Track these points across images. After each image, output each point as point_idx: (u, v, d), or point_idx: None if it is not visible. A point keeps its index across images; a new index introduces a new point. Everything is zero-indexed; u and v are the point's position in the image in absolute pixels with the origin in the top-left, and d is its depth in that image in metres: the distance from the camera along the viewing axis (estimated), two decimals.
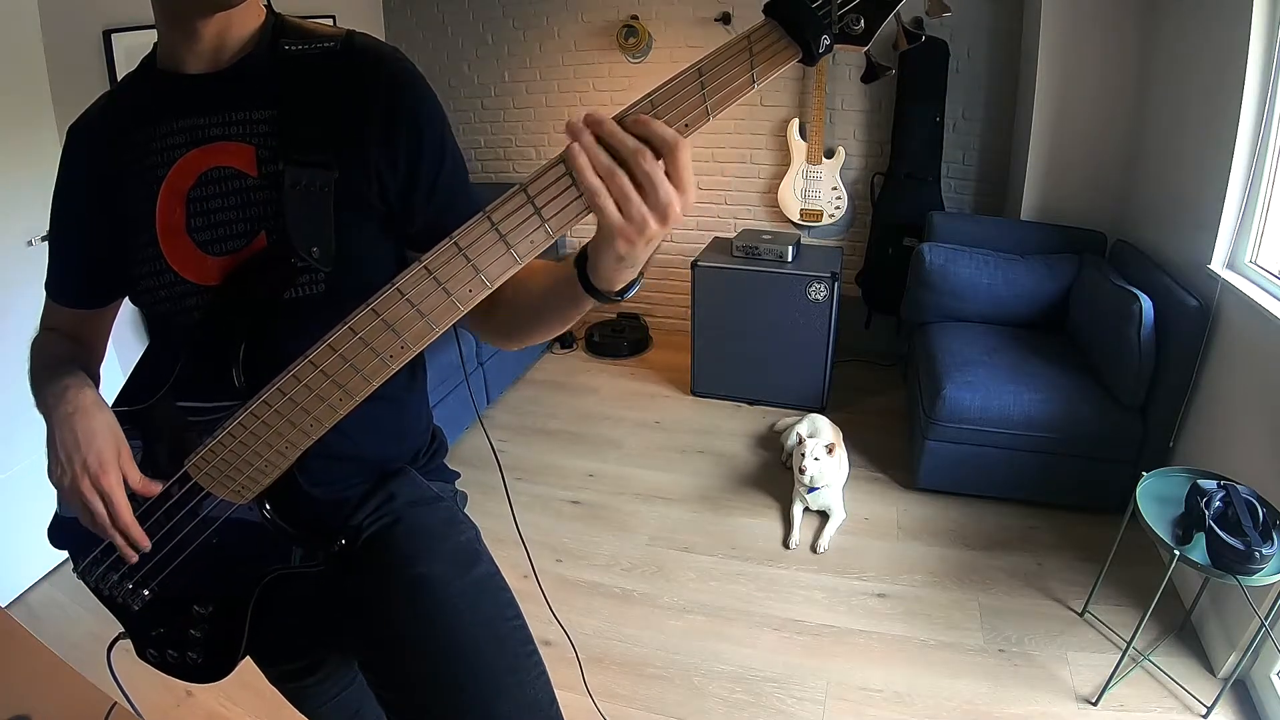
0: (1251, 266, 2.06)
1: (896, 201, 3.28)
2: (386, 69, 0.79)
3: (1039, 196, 3.00)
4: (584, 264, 0.67)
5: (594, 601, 2.17)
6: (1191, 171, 2.33)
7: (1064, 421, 2.35)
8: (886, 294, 3.36)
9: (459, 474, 1.06)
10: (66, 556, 0.92)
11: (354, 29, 0.83)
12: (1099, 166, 2.89)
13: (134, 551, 0.81)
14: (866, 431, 2.94)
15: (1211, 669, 1.86)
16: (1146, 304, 2.22)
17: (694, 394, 3.33)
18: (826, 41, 0.56)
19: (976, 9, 3.04)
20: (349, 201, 0.77)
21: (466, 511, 0.99)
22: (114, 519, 0.77)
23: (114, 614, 0.92)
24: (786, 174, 3.43)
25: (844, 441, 2.63)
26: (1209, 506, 1.61)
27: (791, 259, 3.07)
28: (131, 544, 0.80)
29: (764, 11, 0.57)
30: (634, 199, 0.57)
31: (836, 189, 3.37)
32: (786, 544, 2.39)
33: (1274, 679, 1.70)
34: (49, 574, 2.21)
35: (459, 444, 2.84)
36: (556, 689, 0.89)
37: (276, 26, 0.81)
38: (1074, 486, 2.45)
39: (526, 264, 0.64)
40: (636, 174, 0.57)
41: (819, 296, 2.96)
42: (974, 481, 2.53)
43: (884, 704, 1.82)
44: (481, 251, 0.62)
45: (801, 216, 3.46)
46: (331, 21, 3.17)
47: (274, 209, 0.76)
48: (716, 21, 3.31)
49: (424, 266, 0.63)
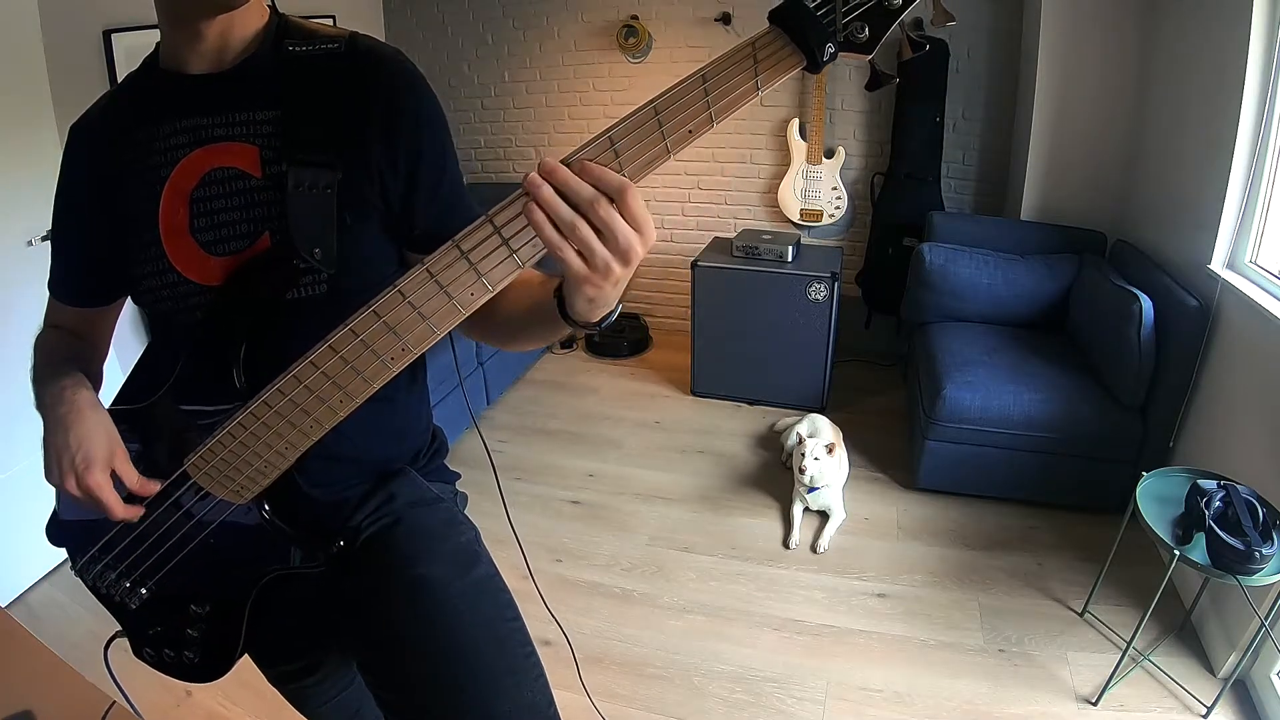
0: (1251, 266, 2.07)
1: (896, 201, 3.27)
2: (389, 70, 0.79)
3: (1039, 196, 3.00)
4: (562, 295, 0.68)
5: (594, 601, 2.17)
6: (1191, 171, 2.33)
7: (1064, 421, 2.35)
8: (886, 294, 3.36)
9: (459, 475, 1.06)
10: (66, 557, 0.92)
11: (356, 30, 0.83)
12: (1099, 166, 2.89)
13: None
14: (866, 431, 2.94)
15: (1211, 669, 1.86)
16: (1146, 304, 2.22)
17: (694, 394, 3.33)
18: (831, 50, 0.56)
19: (976, 9, 3.04)
20: (351, 202, 0.77)
21: (466, 512, 1.00)
22: (107, 516, 0.77)
23: (111, 612, 0.92)
24: (786, 174, 3.43)
25: (844, 441, 2.63)
26: (1209, 506, 1.61)
27: (791, 259, 3.07)
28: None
29: (769, 19, 0.57)
30: (596, 248, 0.58)
31: (836, 189, 3.37)
32: (786, 544, 2.39)
33: (1274, 679, 1.70)
34: (49, 574, 2.21)
35: (459, 444, 2.83)
36: (556, 689, 0.89)
37: (280, 27, 0.81)
38: (1074, 486, 2.45)
39: (522, 272, 0.64)
40: (594, 221, 0.57)
41: (819, 296, 2.96)
42: (974, 481, 2.53)
43: (884, 704, 1.82)
44: (484, 255, 0.62)
45: (801, 216, 3.46)
46: (332, 21, 3.17)
47: (277, 210, 0.76)
48: (716, 22, 3.31)
49: (426, 269, 0.63)
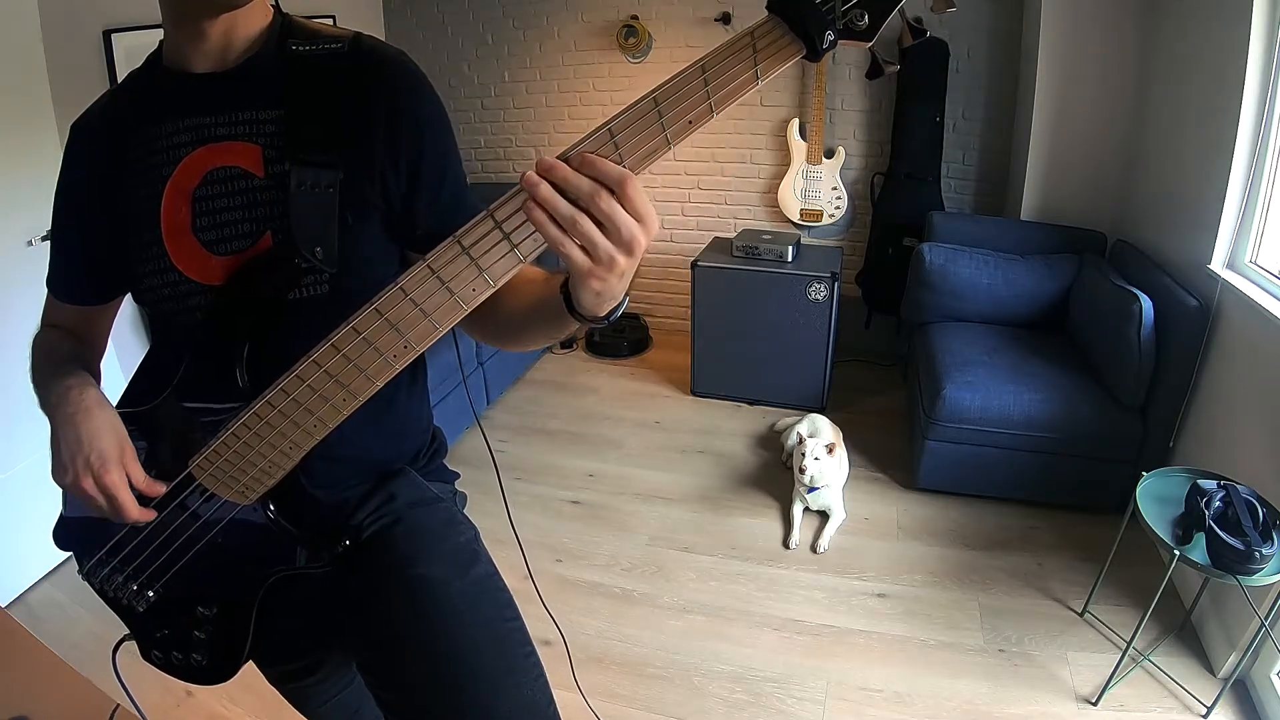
0: (1251, 266, 2.07)
1: (896, 201, 3.27)
2: (392, 71, 0.80)
3: (1039, 196, 3.00)
4: (569, 290, 0.68)
5: (594, 601, 2.17)
6: (1191, 171, 2.33)
7: (1064, 421, 2.35)
8: (886, 294, 3.36)
9: (459, 474, 1.06)
10: (66, 557, 0.92)
11: (359, 31, 0.83)
12: (1099, 166, 2.89)
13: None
14: (866, 431, 2.94)
15: (1211, 669, 1.86)
16: (1146, 304, 2.22)
17: (694, 394, 3.33)
18: (830, 37, 0.56)
19: (976, 9, 3.04)
20: (353, 202, 0.77)
21: (466, 512, 0.99)
22: (120, 517, 0.77)
23: (119, 615, 0.92)
24: (786, 174, 3.43)
25: (844, 441, 2.63)
26: (1209, 506, 1.61)
27: (791, 259, 3.07)
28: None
29: (768, 8, 0.56)
30: (599, 241, 0.58)
31: (836, 189, 3.37)
32: (786, 544, 2.39)
33: (1274, 679, 1.70)
34: (49, 574, 2.20)
35: (458, 444, 2.84)
36: (556, 689, 0.89)
37: (284, 27, 0.81)
38: (1074, 486, 2.45)
39: (524, 270, 0.64)
40: (596, 214, 0.57)
41: (819, 296, 2.96)
42: (974, 481, 2.53)
43: (884, 704, 1.82)
44: (485, 250, 0.62)
45: (801, 216, 3.46)
46: (332, 21, 3.17)
47: (280, 209, 0.76)
48: (716, 21, 3.31)
49: (427, 265, 0.63)
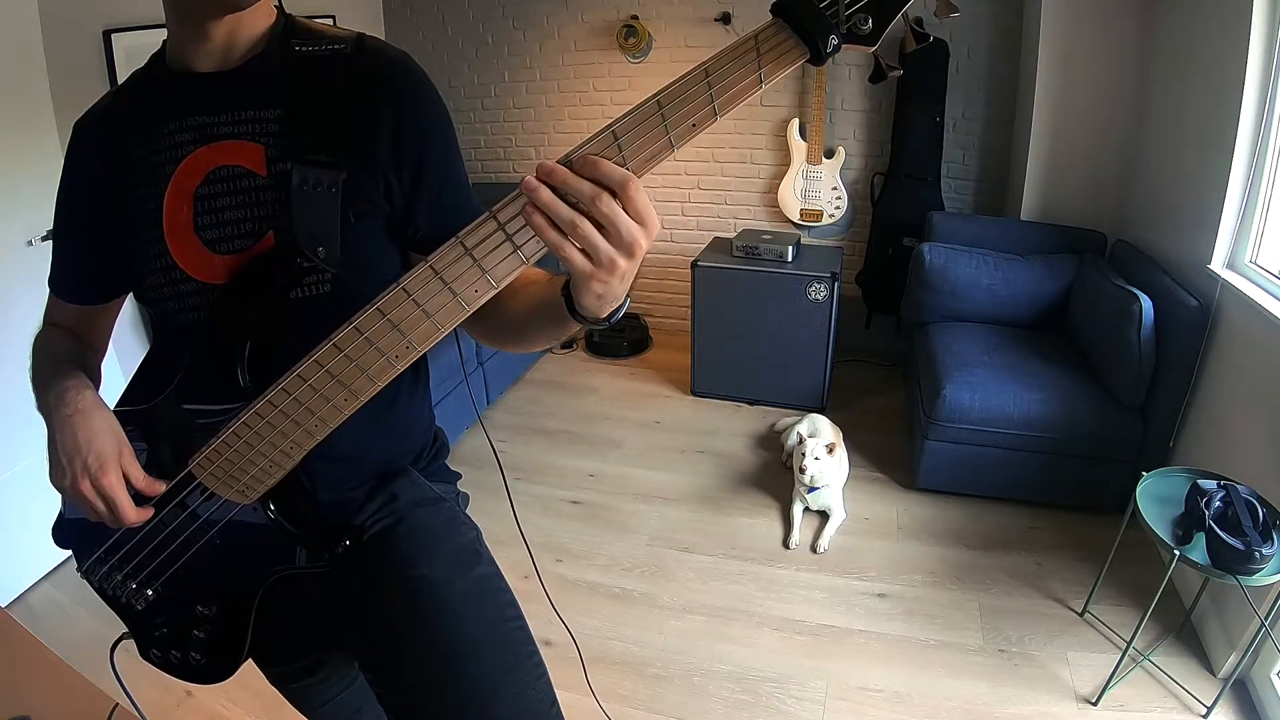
0: (1251, 266, 2.07)
1: (896, 201, 3.28)
2: (395, 72, 0.80)
3: (1039, 196, 3.00)
4: (570, 292, 0.68)
5: (594, 601, 2.17)
6: (1191, 171, 2.33)
7: (1064, 421, 2.35)
8: (886, 294, 3.36)
9: (460, 475, 1.06)
10: (66, 557, 0.92)
11: (361, 31, 0.83)
12: (1099, 166, 2.89)
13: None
14: (866, 431, 2.94)
15: (1211, 669, 1.86)
16: (1146, 304, 2.22)
17: (694, 394, 3.33)
18: (835, 42, 0.56)
19: (976, 9, 3.04)
20: (356, 202, 0.77)
21: (467, 512, 0.99)
22: (118, 519, 0.77)
23: (117, 614, 0.92)
24: (786, 174, 3.43)
25: (844, 441, 2.63)
26: (1209, 506, 1.61)
27: (791, 259, 3.07)
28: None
29: (771, 11, 0.57)
30: (599, 244, 0.58)
31: (836, 189, 3.37)
32: (786, 544, 2.39)
33: (1274, 679, 1.70)
34: (49, 574, 2.20)
35: (459, 444, 2.84)
36: (557, 689, 0.89)
37: (287, 27, 0.81)
38: (1074, 486, 2.45)
39: (526, 271, 0.64)
40: (596, 217, 0.57)
41: (819, 296, 2.96)
42: (974, 481, 2.53)
43: (884, 704, 1.82)
44: (488, 251, 0.62)
45: (801, 216, 3.46)
46: (332, 21, 3.17)
47: (282, 208, 0.76)
48: (716, 21, 3.31)
49: (430, 266, 0.63)
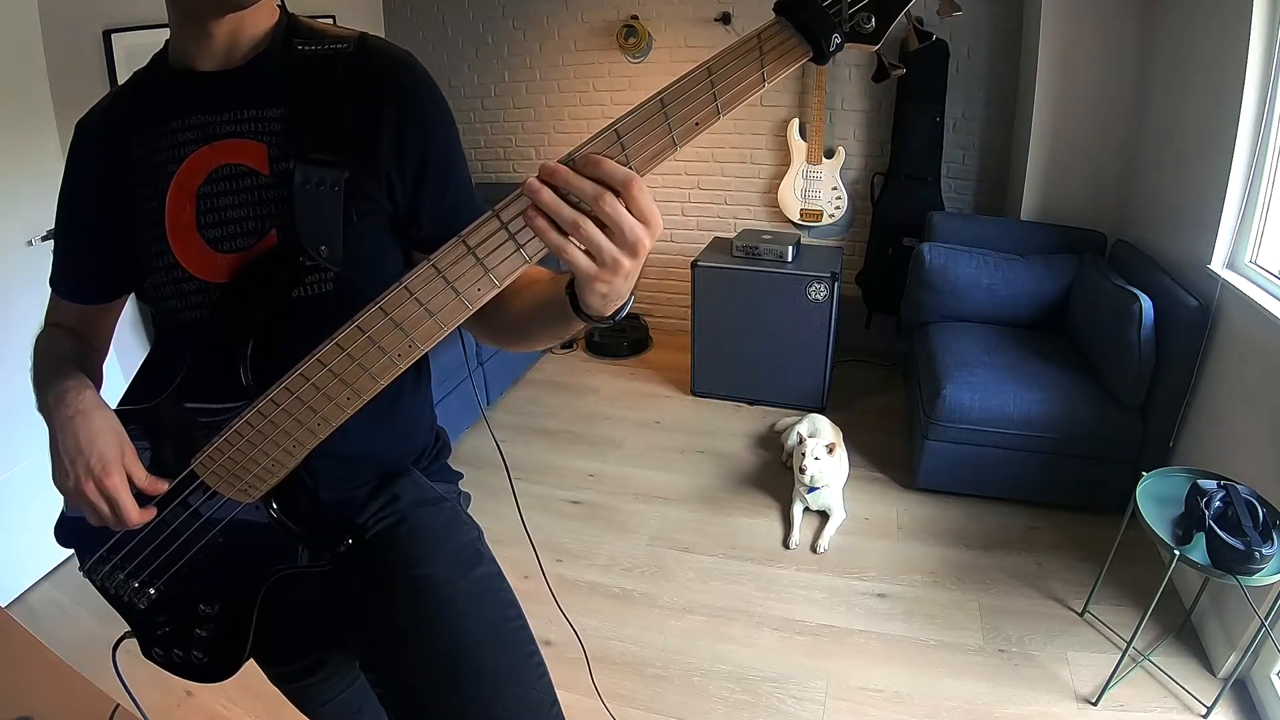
0: (1251, 266, 2.07)
1: (896, 201, 3.28)
2: (398, 71, 0.80)
3: (1039, 196, 3.00)
4: (574, 291, 0.68)
5: (594, 601, 2.17)
6: (1191, 171, 2.33)
7: (1064, 421, 2.35)
8: (886, 294, 3.37)
9: (462, 475, 1.06)
10: (66, 556, 0.92)
11: (364, 31, 0.83)
12: (1099, 166, 2.90)
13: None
14: (866, 431, 2.94)
15: (1211, 669, 1.86)
16: (1146, 304, 2.22)
17: (694, 394, 3.33)
18: (838, 40, 0.56)
19: (977, 9, 3.04)
20: (358, 201, 0.77)
21: (469, 512, 0.99)
22: (120, 521, 0.77)
23: (120, 612, 0.91)
24: (786, 174, 3.43)
25: (844, 441, 2.63)
26: (1209, 506, 1.61)
27: (791, 259, 3.07)
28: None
29: (774, 10, 0.57)
30: (603, 244, 0.58)
31: (836, 189, 3.37)
32: (786, 544, 2.39)
33: (1274, 679, 1.70)
34: (49, 574, 2.19)
35: (460, 444, 2.83)
36: (558, 689, 0.89)
37: (290, 26, 0.81)
38: (1074, 486, 2.45)
39: (529, 270, 0.64)
40: (599, 216, 0.57)
41: (819, 296, 2.96)
42: (974, 481, 2.53)
43: (884, 704, 1.82)
44: (491, 250, 0.62)
45: (801, 216, 3.46)
46: (332, 21, 3.17)
47: (285, 207, 0.76)
48: (716, 21, 3.31)
49: (432, 265, 0.63)
